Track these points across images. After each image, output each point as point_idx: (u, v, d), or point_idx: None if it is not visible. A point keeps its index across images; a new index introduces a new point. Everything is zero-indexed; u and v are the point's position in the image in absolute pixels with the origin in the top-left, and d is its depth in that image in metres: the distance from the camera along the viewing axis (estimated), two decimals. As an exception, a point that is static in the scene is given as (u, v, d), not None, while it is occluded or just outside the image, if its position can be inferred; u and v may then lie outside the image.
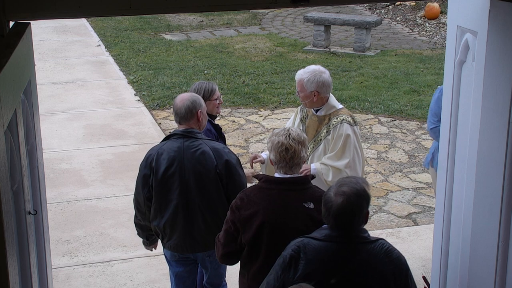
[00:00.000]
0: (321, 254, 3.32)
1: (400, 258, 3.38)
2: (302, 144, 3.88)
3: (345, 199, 3.31)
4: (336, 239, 3.34)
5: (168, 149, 4.56)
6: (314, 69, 5.13)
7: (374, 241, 3.38)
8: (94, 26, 15.16)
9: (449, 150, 4.12)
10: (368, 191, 3.41)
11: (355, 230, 3.35)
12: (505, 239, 3.72)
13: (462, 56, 3.93)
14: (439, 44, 13.82)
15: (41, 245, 4.00)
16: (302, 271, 3.32)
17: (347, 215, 3.31)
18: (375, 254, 3.32)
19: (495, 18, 3.54)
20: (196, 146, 4.52)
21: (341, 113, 5.14)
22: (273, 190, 3.84)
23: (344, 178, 3.54)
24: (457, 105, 4.02)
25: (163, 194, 4.61)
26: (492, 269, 3.77)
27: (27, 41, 3.55)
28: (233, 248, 3.93)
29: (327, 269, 3.29)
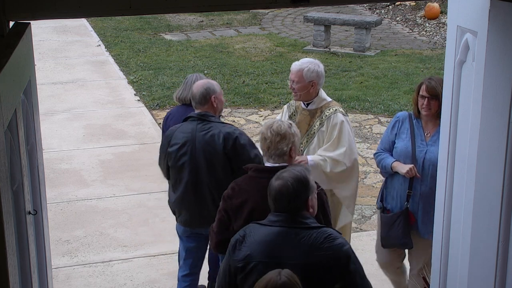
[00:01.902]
0: (262, 237, 3.46)
1: (341, 245, 3.44)
2: (281, 136, 4.00)
3: (282, 182, 3.48)
4: (278, 223, 3.47)
5: (183, 130, 4.93)
6: (312, 60, 5.29)
7: (317, 227, 3.48)
8: (94, 26, 15.16)
9: (449, 150, 4.12)
10: (310, 180, 3.53)
11: (296, 215, 3.47)
12: (505, 239, 3.72)
13: (462, 56, 3.92)
14: (439, 44, 13.82)
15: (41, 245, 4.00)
16: (243, 253, 3.47)
17: (284, 197, 3.46)
18: (314, 239, 3.42)
19: (495, 18, 3.54)
20: (208, 129, 4.85)
21: (332, 105, 5.25)
22: (262, 178, 3.94)
23: (289, 167, 3.67)
24: (457, 105, 4.02)
25: (176, 172, 4.97)
26: (492, 269, 3.77)
27: (27, 41, 3.55)
28: (226, 236, 4.00)
29: (267, 250, 3.42)
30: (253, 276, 3.43)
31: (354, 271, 3.45)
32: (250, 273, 3.45)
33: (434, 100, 4.85)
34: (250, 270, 3.44)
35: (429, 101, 4.87)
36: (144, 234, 6.79)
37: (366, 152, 8.79)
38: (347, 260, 3.43)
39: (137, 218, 7.11)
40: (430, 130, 4.99)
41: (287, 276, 3.12)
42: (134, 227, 6.91)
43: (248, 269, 3.45)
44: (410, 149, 4.95)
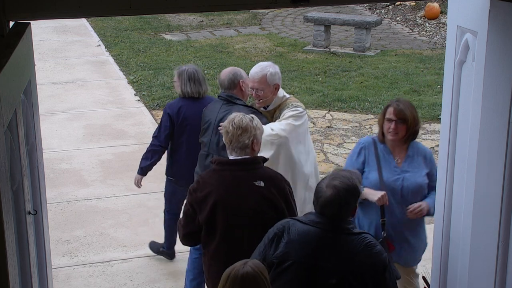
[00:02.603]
0: (302, 237, 3.44)
1: (380, 253, 3.44)
2: (243, 129, 4.07)
3: (335, 192, 3.45)
4: (320, 225, 3.46)
5: (210, 109, 5.26)
6: (268, 63, 5.12)
7: (358, 233, 3.48)
8: (94, 26, 15.16)
9: (449, 150, 4.12)
10: (359, 188, 3.54)
11: (340, 220, 3.47)
12: (505, 239, 3.72)
13: (462, 56, 3.92)
14: (439, 44, 13.82)
15: (41, 245, 4.00)
16: (281, 249, 3.45)
17: (334, 208, 3.45)
18: (355, 246, 3.42)
19: (495, 18, 3.54)
20: (229, 110, 4.98)
21: (290, 101, 5.14)
22: (225, 171, 4.09)
23: (339, 171, 3.69)
24: (457, 105, 4.02)
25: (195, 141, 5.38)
26: (492, 269, 3.77)
27: (27, 41, 3.55)
28: (192, 229, 4.15)
29: (305, 251, 3.39)
30: (288, 274, 3.43)
31: (389, 279, 3.45)
32: (285, 271, 3.44)
33: (402, 124, 4.57)
34: (285, 268, 3.44)
35: (397, 125, 4.56)
36: (144, 234, 6.79)
37: (366, 152, 8.80)
38: (384, 268, 3.44)
39: (137, 218, 7.11)
40: (400, 155, 4.68)
41: (252, 267, 3.10)
42: (134, 227, 6.91)
43: (284, 266, 3.44)
44: (387, 178, 4.61)
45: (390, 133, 4.60)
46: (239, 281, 3.04)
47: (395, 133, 4.59)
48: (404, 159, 4.67)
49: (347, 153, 8.77)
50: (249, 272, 3.06)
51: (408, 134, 4.62)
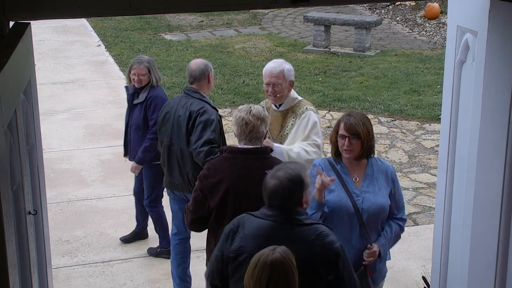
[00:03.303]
0: (256, 230, 3.53)
1: (332, 243, 3.48)
2: (261, 120, 4.24)
3: (278, 183, 3.51)
4: (272, 218, 3.53)
5: (172, 101, 5.55)
6: (282, 60, 5.14)
7: (309, 224, 3.54)
8: (94, 26, 15.16)
9: (449, 150, 4.12)
10: (305, 178, 3.58)
11: (290, 211, 3.54)
12: (505, 239, 3.72)
13: (462, 56, 3.93)
14: (439, 44, 13.82)
15: (41, 245, 4.00)
16: (236, 244, 3.54)
17: (278, 197, 3.51)
18: (307, 236, 3.48)
19: (495, 18, 3.54)
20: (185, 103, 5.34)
21: (303, 103, 5.15)
22: (237, 159, 4.18)
23: (285, 163, 3.77)
24: (457, 105, 4.02)
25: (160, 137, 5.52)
26: (492, 269, 3.77)
27: (27, 41, 3.55)
28: (201, 214, 4.23)
29: (259, 244, 3.44)
30: (244, 267, 3.44)
31: (343, 268, 3.49)
32: (241, 264, 3.51)
33: (356, 139, 4.17)
34: (241, 261, 3.51)
35: (350, 141, 4.17)
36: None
37: (366, 152, 8.80)
38: (337, 257, 3.47)
39: (137, 218, 7.11)
40: (358, 173, 4.28)
41: (281, 253, 3.14)
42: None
43: (239, 260, 3.52)
44: (346, 199, 4.19)
45: (345, 151, 4.21)
46: (268, 267, 3.08)
47: (349, 150, 4.19)
48: (363, 177, 4.27)
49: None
50: (278, 258, 3.09)
51: (363, 150, 4.20)
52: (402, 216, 4.29)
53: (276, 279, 3.09)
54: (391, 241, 4.26)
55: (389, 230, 4.25)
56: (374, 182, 4.25)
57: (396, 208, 4.27)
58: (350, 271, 3.53)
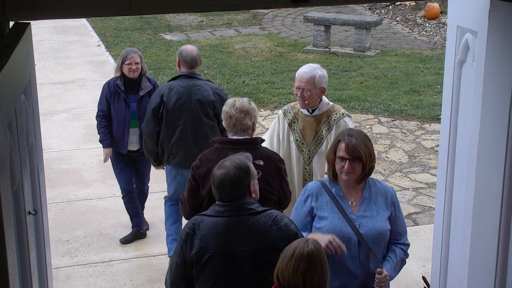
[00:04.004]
0: (213, 229, 3.58)
1: (288, 225, 3.60)
2: (244, 112, 4.42)
3: (225, 171, 3.62)
4: (225, 214, 3.60)
5: (177, 86, 5.79)
6: (317, 65, 5.16)
7: (262, 211, 3.62)
8: (94, 26, 15.16)
9: (449, 150, 4.12)
10: (251, 167, 3.69)
11: (240, 202, 3.61)
12: (505, 239, 3.72)
13: (462, 56, 3.92)
14: (439, 44, 13.82)
15: (41, 245, 4.00)
16: (197, 246, 3.58)
17: (226, 186, 3.60)
18: (262, 223, 3.58)
19: (495, 18, 3.54)
20: (200, 84, 5.79)
21: (337, 109, 5.21)
22: (226, 149, 4.33)
23: (230, 156, 3.82)
24: (457, 105, 4.02)
25: (172, 121, 5.77)
26: (492, 269, 3.77)
27: (27, 41, 3.55)
28: (197, 202, 4.38)
29: (219, 241, 3.55)
30: (209, 267, 3.57)
31: None
32: (205, 264, 3.57)
33: (357, 162, 3.86)
34: (205, 261, 3.56)
35: (351, 164, 3.86)
36: (144, 234, 6.80)
37: (366, 152, 8.79)
38: (295, 237, 3.55)
39: (137, 218, 7.10)
40: (355, 197, 3.98)
41: (315, 245, 3.23)
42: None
43: (203, 260, 3.57)
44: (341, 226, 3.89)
45: (344, 173, 3.90)
46: (305, 259, 3.17)
47: (350, 172, 3.89)
48: (360, 201, 3.97)
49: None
50: (314, 250, 3.19)
51: (363, 173, 3.92)
52: (405, 241, 4.07)
53: (313, 270, 3.18)
54: (397, 267, 4.01)
55: (394, 255, 4.00)
56: (371, 206, 3.97)
57: (397, 233, 4.04)
58: None
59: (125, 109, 6.33)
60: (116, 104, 6.35)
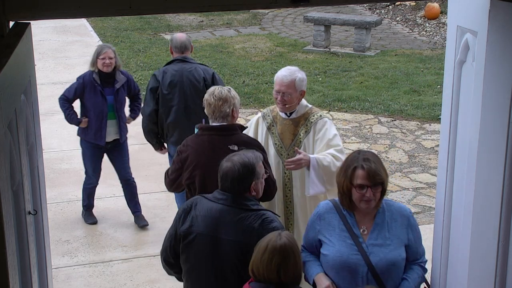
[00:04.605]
0: (206, 212, 3.78)
1: (275, 228, 3.66)
2: (223, 100, 4.59)
3: (231, 165, 3.79)
4: (222, 202, 3.78)
5: (171, 70, 6.34)
6: (296, 68, 5.03)
7: (256, 210, 3.77)
8: (94, 26, 15.16)
9: (449, 150, 4.12)
10: (257, 167, 3.82)
11: (239, 196, 3.78)
12: (505, 239, 3.72)
13: (462, 56, 3.92)
14: (439, 44, 13.82)
15: (41, 245, 4.00)
16: (188, 223, 3.78)
17: (229, 179, 3.78)
18: (252, 220, 3.72)
19: (495, 18, 3.54)
20: (191, 67, 6.35)
21: (315, 111, 5.06)
22: (204, 135, 4.59)
23: (243, 151, 3.98)
24: (457, 105, 4.02)
25: (167, 102, 6.28)
26: (492, 269, 3.77)
27: (27, 41, 3.55)
28: (176, 176, 4.63)
29: (207, 225, 3.74)
30: (193, 246, 3.77)
31: None
32: (190, 242, 3.77)
33: (379, 187, 3.58)
34: (191, 240, 3.76)
35: (372, 191, 3.58)
36: (144, 234, 6.79)
37: (366, 152, 8.79)
38: None
39: (137, 218, 7.11)
40: (367, 224, 3.70)
41: (288, 238, 3.33)
42: (134, 227, 6.91)
43: (189, 239, 3.77)
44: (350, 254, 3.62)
45: (364, 202, 3.61)
46: (278, 252, 3.28)
47: (371, 200, 3.60)
48: (372, 228, 3.68)
49: (347, 153, 8.76)
50: (287, 243, 3.30)
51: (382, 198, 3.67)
52: (423, 260, 3.91)
53: (287, 262, 3.28)
54: (416, 283, 3.83)
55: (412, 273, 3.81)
56: (384, 233, 3.70)
57: (416, 254, 3.83)
58: None
59: (102, 102, 6.65)
60: (93, 98, 6.65)
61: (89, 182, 7.00)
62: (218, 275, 3.75)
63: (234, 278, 3.72)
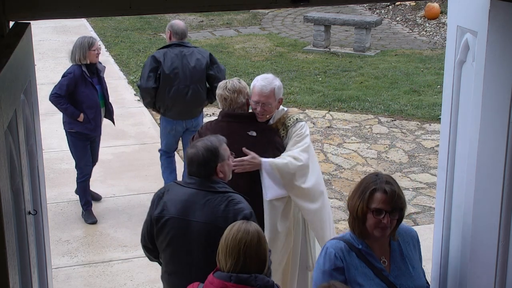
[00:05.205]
0: (177, 196, 3.97)
1: (241, 209, 3.85)
2: (237, 92, 4.80)
3: (195, 151, 3.95)
4: (191, 186, 3.96)
5: (171, 53, 6.96)
6: (271, 76, 4.92)
7: (223, 192, 3.93)
8: (94, 26, 15.17)
9: (449, 150, 4.12)
10: (220, 149, 3.98)
11: (206, 179, 3.94)
12: (505, 239, 3.72)
13: (462, 56, 3.92)
14: (439, 44, 13.82)
15: (41, 245, 4.00)
16: (160, 207, 3.98)
17: (194, 164, 3.95)
18: (218, 202, 3.88)
19: (495, 18, 3.54)
20: (189, 51, 7.02)
21: (290, 114, 4.95)
22: (223, 122, 4.79)
23: (206, 137, 4.15)
24: (457, 105, 4.02)
25: (168, 82, 6.90)
26: (492, 269, 3.77)
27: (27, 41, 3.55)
28: None
29: (177, 208, 3.93)
30: (165, 229, 3.95)
31: None
32: (163, 226, 3.95)
33: (397, 213, 3.33)
34: (163, 223, 3.94)
35: (390, 217, 3.31)
36: (144, 234, 6.79)
37: (366, 152, 8.79)
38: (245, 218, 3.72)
39: (137, 218, 7.10)
40: (384, 252, 3.44)
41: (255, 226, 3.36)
42: (134, 227, 6.91)
43: (161, 222, 3.95)
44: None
45: (380, 229, 3.31)
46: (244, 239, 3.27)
47: (387, 227, 3.32)
48: (391, 258, 3.44)
49: (347, 153, 8.78)
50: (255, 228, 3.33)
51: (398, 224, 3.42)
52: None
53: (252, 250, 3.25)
54: None
55: None
56: (404, 260, 3.49)
57: None
58: None
59: (94, 93, 6.88)
60: (85, 90, 6.84)
61: (82, 175, 7.05)
62: (188, 257, 3.93)
63: (202, 259, 3.88)
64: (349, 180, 7.99)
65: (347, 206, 3.44)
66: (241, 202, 3.91)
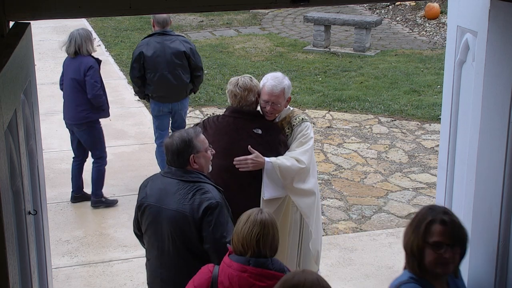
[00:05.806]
0: (156, 185, 4.18)
1: (208, 198, 3.99)
2: (248, 90, 4.83)
3: (171, 140, 4.14)
4: (167, 175, 4.15)
5: (153, 42, 7.42)
6: (281, 75, 4.93)
7: (194, 182, 4.08)
8: (94, 26, 15.16)
9: (449, 150, 4.12)
10: (195, 141, 4.12)
11: (180, 169, 4.11)
12: (505, 239, 3.72)
13: (462, 56, 3.93)
14: (439, 44, 13.82)
15: (41, 245, 4.00)
16: (142, 195, 4.22)
17: (169, 153, 4.13)
18: (188, 191, 4.04)
19: (495, 18, 3.54)
20: (171, 39, 7.44)
21: (296, 114, 4.97)
22: (230, 117, 4.82)
23: (184, 129, 4.30)
24: (457, 105, 4.02)
25: (152, 69, 7.37)
26: (492, 269, 3.77)
27: (27, 41, 3.55)
28: None
29: (155, 196, 4.13)
30: (144, 215, 4.19)
31: (216, 219, 3.95)
32: (143, 213, 4.19)
33: (459, 247, 2.99)
34: (143, 210, 4.19)
35: (453, 252, 2.99)
36: (144, 234, 6.79)
37: (366, 152, 8.79)
38: (208, 210, 3.94)
39: (137, 218, 7.11)
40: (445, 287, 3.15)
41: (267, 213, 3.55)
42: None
43: (141, 209, 4.20)
44: None
45: (441, 265, 2.98)
46: (258, 223, 3.49)
47: (451, 262, 3.00)
48: None
49: (347, 153, 8.78)
50: (267, 217, 3.52)
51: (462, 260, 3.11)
52: None
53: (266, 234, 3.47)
54: None
55: None
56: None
57: None
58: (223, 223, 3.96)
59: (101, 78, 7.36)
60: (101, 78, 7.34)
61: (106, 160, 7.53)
62: (160, 243, 4.11)
63: (171, 247, 4.05)
64: (349, 180, 7.99)
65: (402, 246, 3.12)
66: (209, 192, 4.03)
